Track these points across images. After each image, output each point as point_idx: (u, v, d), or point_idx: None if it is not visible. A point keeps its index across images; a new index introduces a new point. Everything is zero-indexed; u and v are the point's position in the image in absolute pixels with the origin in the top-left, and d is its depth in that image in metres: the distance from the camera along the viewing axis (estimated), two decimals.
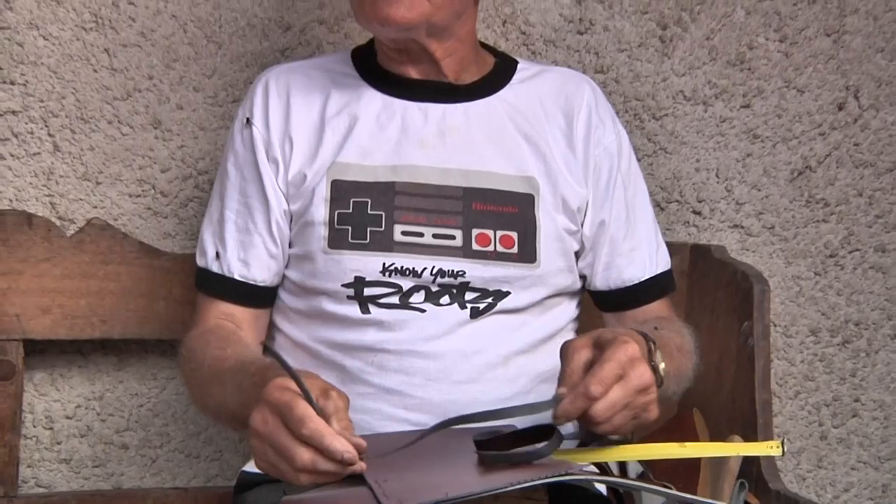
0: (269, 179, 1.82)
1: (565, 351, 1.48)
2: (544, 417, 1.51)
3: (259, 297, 1.85)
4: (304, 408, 1.31)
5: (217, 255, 1.85)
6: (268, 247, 1.83)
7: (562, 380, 1.45)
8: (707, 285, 2.24)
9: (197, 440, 2.23)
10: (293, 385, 1.36)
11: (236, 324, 1.85)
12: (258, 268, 1.83)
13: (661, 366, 1.51)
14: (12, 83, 2.11)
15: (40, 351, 2.10)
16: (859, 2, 2.49)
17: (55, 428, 2.16)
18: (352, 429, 1.34)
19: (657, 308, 1.93)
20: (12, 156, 2.11)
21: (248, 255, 1.83)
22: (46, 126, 2.13)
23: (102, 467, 2.18)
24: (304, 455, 1.30)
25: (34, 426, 2.15)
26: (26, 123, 2.12)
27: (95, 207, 2.15)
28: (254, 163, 1.84)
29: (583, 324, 1.93)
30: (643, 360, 1.45)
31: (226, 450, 2.24)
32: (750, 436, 2.02)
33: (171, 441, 2.22)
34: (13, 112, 2.11)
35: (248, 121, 1.85)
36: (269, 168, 1.83)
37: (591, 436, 1.59)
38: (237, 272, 1.83)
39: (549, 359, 1.77)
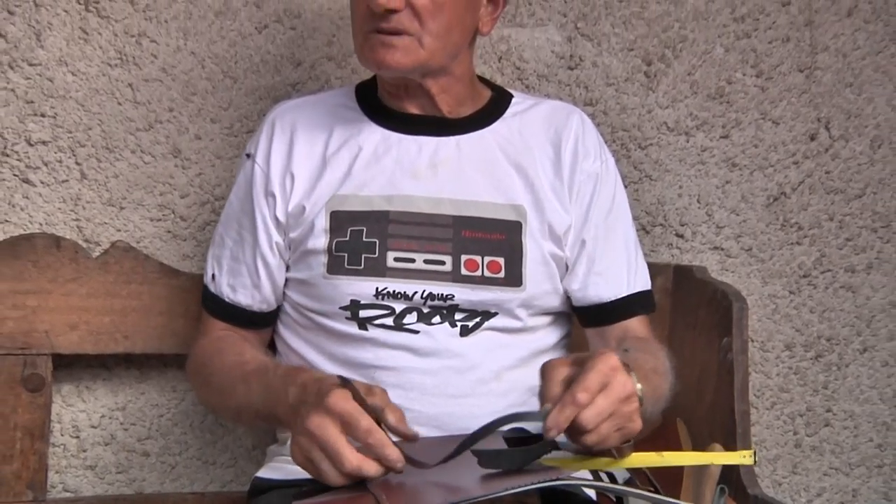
0: (260, 215, 1.84)
1: (545, 370, 1.47)
2: (537, 428, 1.50)
3: (247, 319, 1.87)
4: (369, 420, 1.35)
5: (213, 276, 1.88)
6: (252, 277, 1.85)
7: (543, 397, 1.44)
8: (689, 303, 2.24)
9: (213, 448, 2.23)
10: (348, 392, 1.39)
11: (243, 335, 1.87)
12: (243, 294, 1.86)
13: (638, 387, 1.49)
14: (43, 115, 2.11)
15: (67, 365, 2.09)
16: (829, 40, 2.50)
17: (81, 436, 2.16)
18: (403, 417, 1.42)
19: (635, 326, 1.90)
20: (42, 183, 2.11)
21: (236, 282, 1.86)
22: (74, 155, 2.13)
23: (125, 473, 2.18)
24: (354, 461, 1.34)
25: (62, 435, 2.14)
26: (55, 153, 2.12)
27: (119, 231, 2.14)
28: (250, 197, 1.85)
29: (575, 341, 1.93)
30: (624, 371, 1.44)
31: (240, 457, 2.24)
32: (730, 444, 2.02)
33: (189, 449, 2.22)
34: (43, 142, 2.11)
35: (249, 156, 1.87)
36: (263, 202, 1.84)
37: (582, 453, 1.57)
38: (226, 295, 1.87)
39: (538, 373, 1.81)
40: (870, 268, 2.56)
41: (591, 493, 1.75)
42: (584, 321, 1.91)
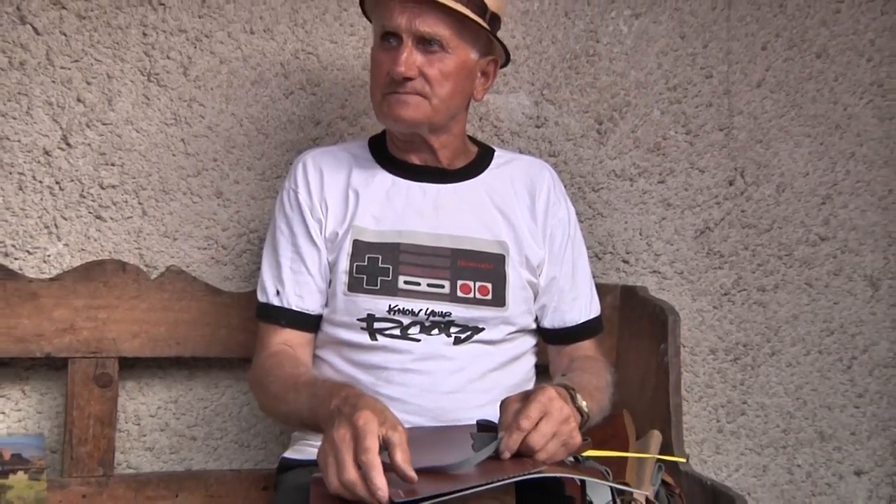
0: (315, 233, 1.81)
1: (502, 405, 1.49)
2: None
3: (311, 323, 1.82)
4: (373, 441, 1.31)
5: (277, 292, 1.82)
6: (317, 283, 1.81)
7: (501, 426, 1.45)
8: (633, 316, 2.24)
9: (248, 434, 2.21)
10: (378, 418, 1.34)
11: (293, 348, 1.82)
12: (311, 300, 1.81)
13: (584, 405, 1.53)
14: (112, 164, 2.11)
15: (131, 366, 2.09)
16: (743, 106, 2.52)
17: (141, 424, 2.16)
18: (409, 461, 1.32)
19: (587, 346, 1.92)
20: (111, 219, 2.11)
21: (302, 291, 1.81)
22: (137, 196, 2.13)
23: (177, 454, 2.17)
24: (352, 475, 1.30)
25: (126, 422, 2.14)
26: (122, 195, 2.12)
27: (173, 257, 2.14)
28: (302, 221, 1.82)
29: (542, 348, 1.93)
30: (560, 399, 1.46)
31: (270, 441, 2.22)
32: (665, 430, 2.05)
33: (228, 434, 2.20)
34: (113, 186, 2.11)
35: (295, 191, 1.84)
36: (314, 224, 1.81)
37: None
38: (294, 304, 1.81)
39: (515, 375, 1.84)
40: (777, 287, 2.56)
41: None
42: (547, 339, 1.92)
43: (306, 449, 1.80)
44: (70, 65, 2.09)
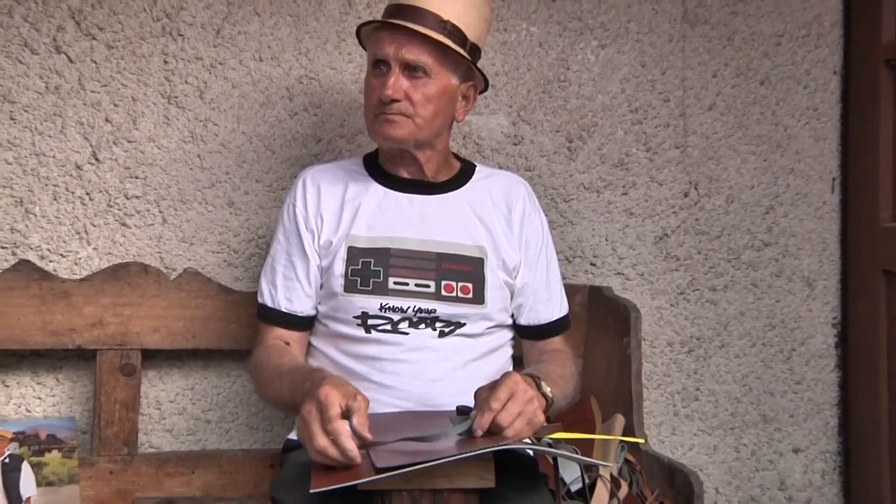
0: (308, 244, 1.82)
1: (476, 394, 1.50)
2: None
3: (299, 323, 1.83)
4: (334, 411, 1.37)
5: (271, 296, 1.84)
6: (304, 289, 1.82)
7: (474, 409, 1.47)
8: (600, 313, 2.25)
9: (257, 417, 2.22)
10: (338, 391, 1.40)
11: (286, 342, 1.83)
12: (299, 303, 1.82)
13: (548, 391, 1.55)
14: (136, 177, 2.12)
15: (152, 356, 2.10)
16: (697, 126, 2.51)
17: (162, 408, 2.16)
18: (366, 425, 1.38)
19: (557, 341, 1.93)
20: (136, 226, 2.13)
21: (292, 296, 1.82)
22: (158, 206, 2.14)
23: (193, 435, 2.18)
24: (322, 442, 1.36)
25: (148, 407, 2.15)
26: (145, 204, 2.13)
27: (190, 260, 2.15)
28: (297, 233, 1.83)
29: (517, 342, 1.94)
30: (524, 383, 1.47)
31: (276, 424, 2.22)
32: (628, 414, 2.03)
33: (239, 418, 2.21)
34: (136, 197, 2.13)
35: (293, 206, 1.85)
36: (307, 236, 1.82)
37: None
38: (284, 307, 1.82)
39: (493, 365, 1.84)
40: (726, 287, 2.55)
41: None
42: (522, 335, 1.93)
43: None
44: (99, 89, 2.11)
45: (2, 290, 1.95)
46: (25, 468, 1.80)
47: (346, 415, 1.39)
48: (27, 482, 1.79)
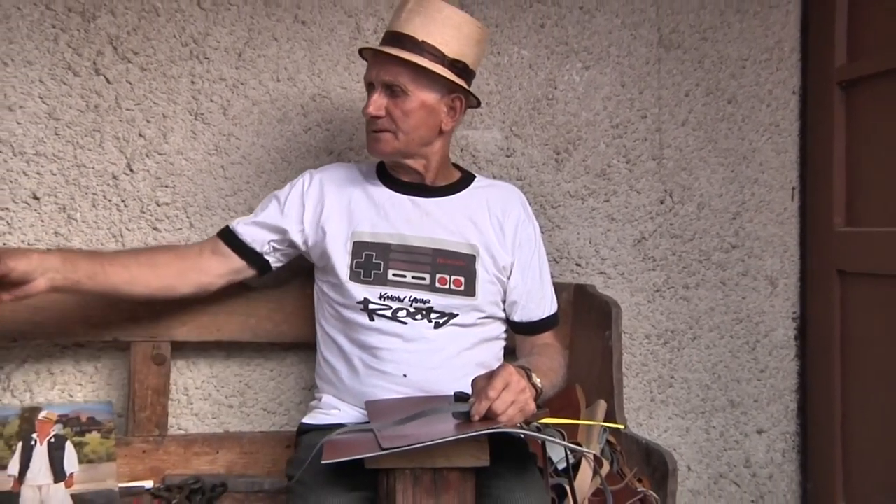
0: (289, 208, 1.85)
1: (473, 383, 1.50)
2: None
3: (230, 240, 1.85)
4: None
5: (237, 220, 1.88)
6: (256, 224, 1.85)
7: (472, 397, 1.48)
8: (584, 308, 2.25)
9: (274, 403, 2.22)
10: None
11: (202, 248, 1.86)
12: (242, 229, 1.85)
13: (538, 382, 1.55)
14: (166, 186, 2.13)
15: (180, 347, 2.10)
16: (671, 140, 2.51)
17: (189, 394, 2.17)
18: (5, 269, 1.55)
19: (547, 336, 1.93)
20: (165, 230, 2.13)
21: (244, 222, 1.86)
22: (186, 212, 2.15)
23: (217, 419, 2.19)
24: None
25: (177, 393, 2.16)
26: (174, 211, 2.14)
27: None
28: (288, 195, 1.87)
29: (509, 336, 1.93)
30: (517, 374, 1.48)
31: (291, 409, 2.22)
32: (609, 400, 2.02)
33: (258, 403, 2.21)
34: (166, 204, 2.13)
35: (303, 179, 1.89)
36: (296, 202, 1.86)
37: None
38: (233, 227, 1.86)
39: (485, 354, 1.84)
40: (698, 286, 2.55)
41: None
42: (516, 330, 1.93)
43: (320, 416, 1.82)
44: (134, 107, 2.12)
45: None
46: (69, 447, 1.80)
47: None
48: (70, 459, 1.79)
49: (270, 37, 2.20)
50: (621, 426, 1.92)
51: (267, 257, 1.88)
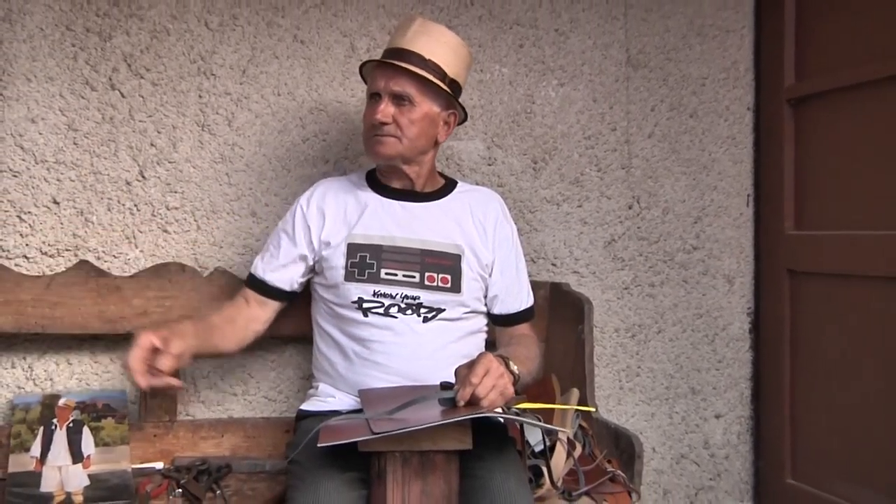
0: (301, 236, 1.84)
1: (457, 371, 1.51)
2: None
3: (263, 288, 1.85)
4: (136, 353, 1.52)
5: (256, 265, 1.88)
6: (279, 264, 1.84)
7: (456, 383, 1.49)
8: (559, 305, 2.25)
9: (274, 391, 2.21)
10: (153, 336, 1.54)
11: (247, 300, 1.86)
12: (270, 274, 1.85)
13: (515, 369, 1.55)
14: (175, 192, 2.13)
15: None
16: (639, 150, 2.50)
17: (197, 383, 2.17)
18: (167, 364, 1.54)
19: (524, 327, 1.93)
20: (175, 232, 2.13)
21: (267, 267, 1.85)
22: (193, 216, 2.14)
23: (222, 406, 2.18)
24: (130, 362, 1.52)
25: (185, 382, 2.10)
26: (182, 214, 2.14)
27: (219, 261, 2.15)
28: (293, 224, 1.86)
29: (490, 329, 1.93)
30: (496, 361, 1.48)
31: (290, 396, 2.21)
32: (582, 389, 2.03)
33: (260, 391, 2.20)
34: (176, 208, 2.13)
35: (301, 204, 1.88)
36: (302, 228, 1.85)
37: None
38: (259, 275, 1.86)
39: (469, 346, 1.84)
40: (663, 284, 2.55)
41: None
42: (495, 322, 1.93)
43: (317, 403, 1.82)
44: (146, 119, 2.11)
45: (66, 285, 1.95)
46: (86, 431, 1.81)
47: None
48: (87, 442, 1.79)
49: (272, 55, 2.20)
50: (592, 409, 1.91)
51: (295, 288, 1.89)
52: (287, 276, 1.86)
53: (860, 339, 2.24)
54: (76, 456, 1.78)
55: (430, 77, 1.76)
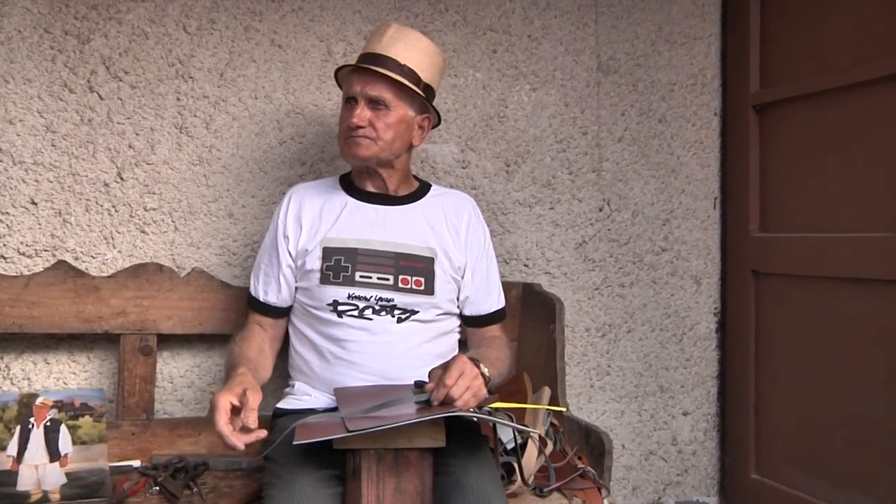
0: (281, 248, 1.83)
1: (431, 373, 1.52)
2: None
3: (271, 311, 1.86)
4: (221, 418, 1.44)
5: (254, 286, 1.86)
6: (278, 284, 1.84)
7: (431, 381, 1.51)
8: (531, 305, 2.25)
9: None
10: (228, 394, 1.46)
11: (262, 326, 1.84)
12: (272, 295, 1.84)
13: (486, 371, 1.55)
14: (153, 193, 2.12)
15: (166, 339, 2.09)
16: (609, 154, 2.51)
17: (174, 382, 2.16)
18: (251, 417, 1.43)
19: (495, 329, 1.93)
20: (152, 233, 2.12)
21: (268, 289, 1.85)
22: (171, 217, 2.14)
23: (200, 403, 2.17)
24: (220, 427, 1.43)
25: (162, 381, 2.15)
26: (160, 216, 2.13)
27: (197, 261, 2.15)
28: (275, 239, 1.85)
29: (462, 329, 1.93)
30: (469, 363, 1.50)
31: (267, 395, 1.98)
32: (553, 387, 2.02)
33: None
34: (153, 209, 2.12)
35: (278, 217, 1.86)
36: (283, 242, 1.83)
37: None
38: (261, 296, 1.85)
39: (442, 346, 1.85)
40: (632, 284, 2.56)
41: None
42: (467, 323, 1.94)
43: (293, 401, 1.82)
44: (124, 121, 2.10)
45: (44, 285, 1.94)
46: (63, 430, 1.78)
47: (240, 408, 1.45)
48: (64, 441, 1.77)
49: (249, 59, 2.20)
50: (564, 409, 1.90)
51: (294, 296, 1.88)
52: (287, 293, 1.86)
53: (820, 337, 2.27)
54: (53, 454, 1.76)
55: (406, 82, 1.77)
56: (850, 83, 2.16)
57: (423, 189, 1.94)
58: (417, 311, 1.79)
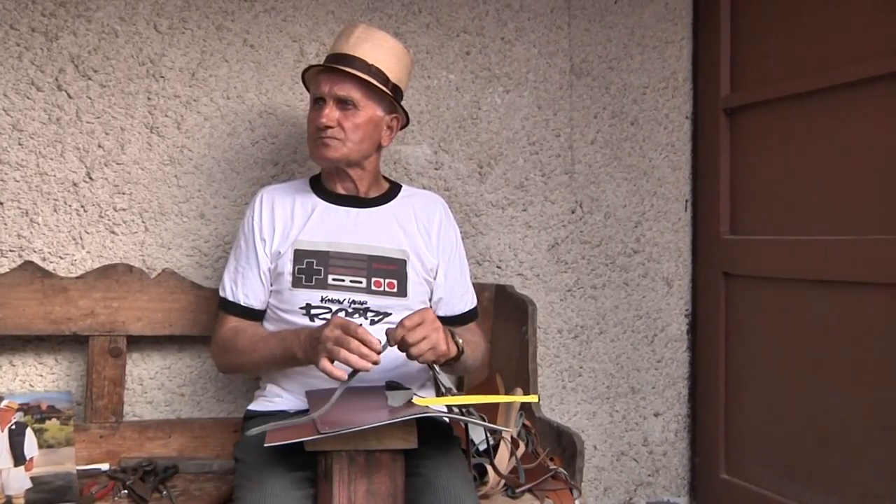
0: (259, 250, 1.81)
1: (390, 331, 1.55)
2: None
3: (251, 314, 1.83)
4: (357, 325, 1.47)
5: (231, 290, 1.83)
6: (257, 286, 1.82)
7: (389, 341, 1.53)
8: (504, 306, 2.25)
9: (223, 391, 2.20)
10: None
11: (242, 328, 1.81)
12: (254, 299, 1.82)
13: (460, 340, 1.59)
14: (124, 193, 2.10)
15: (136, 341, 2.08)
16: (582, 157, 2.53)
17: (144, 384, 2.15)
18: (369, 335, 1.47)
19: (469, 327, 1.93)
20: (122, 233, 2.11)
21: (248, 291, 1.82)
22: (141, 217, 2.12)
23: (170, 406, 2.16)
24: (353, 344, 1.45)
25: (132, 383, 2.13)
26: (130, 216, 2.11)
27: (167, 262, 2.14)
28: (252, 241, 1.83)
29: None
30: (432, 314, 1.53)
31: (239, 396, 2.20)
32: (525, 388, 2.05)
33: (207, 392, 2.19)
34: (123, 209, 2.10)
35: (252, 218, 1.84)
36: (261, 244, 1.81)
37: (436, 385, 1.61)
38: (242, 301, 1.82)
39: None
40: (604, 286, 2.57)
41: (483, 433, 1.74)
42: (442, 323, 1.92)
43: (265, 403, 1.81)
44: (93, 120, 2.08)
45: (10, 286, 1.92)
46: (29, 433, 1.76)
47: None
48: (30, 445, 1.75)
49: (221, 58, 2.19)
50: (535, 397, 1.92)
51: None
52: (265, 296, 1.84)
53: (790, 339, 2.30)
54: (18, 458, 1.74)
55: (374, 82, 1.76)
56: (820, 87, 2.19)
57: (393, 190, 1.93)
58: (390, 314, 1.79)
